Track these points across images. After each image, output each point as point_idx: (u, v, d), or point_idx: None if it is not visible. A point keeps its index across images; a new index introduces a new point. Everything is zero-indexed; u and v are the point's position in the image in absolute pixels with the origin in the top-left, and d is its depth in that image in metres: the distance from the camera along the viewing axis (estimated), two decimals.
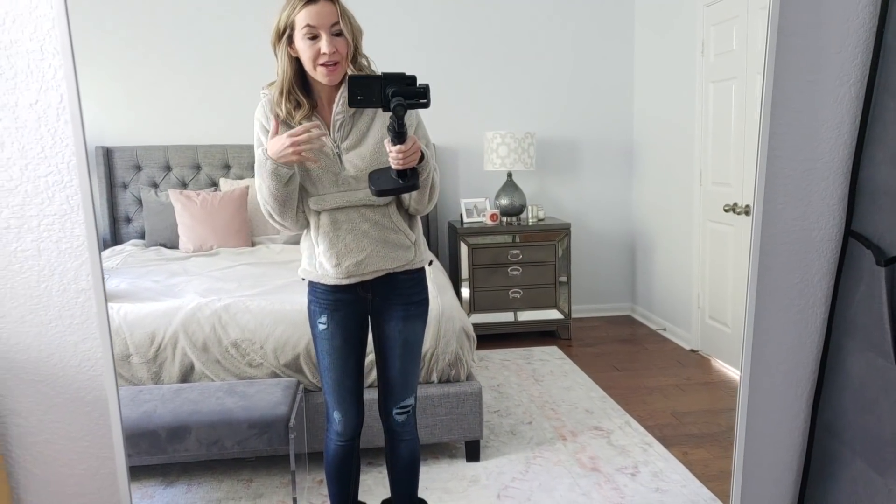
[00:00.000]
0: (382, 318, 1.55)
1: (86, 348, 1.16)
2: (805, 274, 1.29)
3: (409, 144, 1.30)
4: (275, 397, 1.91)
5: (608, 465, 2.15)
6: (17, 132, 1.10)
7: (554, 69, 3.69)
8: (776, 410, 1.37)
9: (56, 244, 1.12)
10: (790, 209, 1.26)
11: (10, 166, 1.12)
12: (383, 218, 1.48)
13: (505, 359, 3.22)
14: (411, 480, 1.67)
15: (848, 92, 1.24)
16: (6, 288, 1.14)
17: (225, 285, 2.48)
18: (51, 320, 1.15)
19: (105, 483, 1.22)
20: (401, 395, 1.58)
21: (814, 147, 1.26)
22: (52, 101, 1.08)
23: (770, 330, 1.32)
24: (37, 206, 1.11)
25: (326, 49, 1.33)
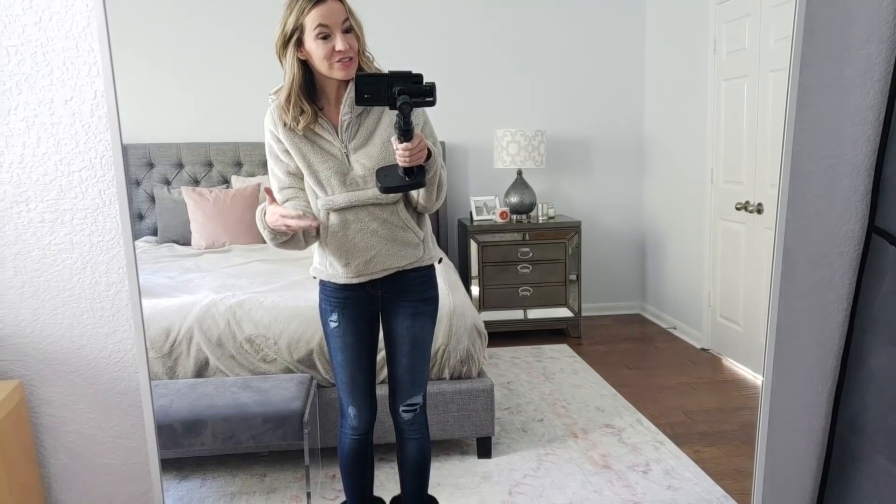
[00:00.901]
0: (392, 315, 1.57)
1: (116, 340, 1.18)
2: (828, 271, 1.29)
3: (415, 142, 1.31)
4: (289, 392, 1.93)
5: (620, 463, 2.16)
6: (52, 128, 1.13)
7: (565, 67, 3.69)
8: (798, 407, 1.38)
9: (88, 237, 1.14)
10: (813, 206, 1.26)
11: (46, 161, 1.14)
12: (392, 216, 1.49)
13: (515, 356, 3.23)
14: (420, 478, 1.68)
15: (873, 88, 1.25)
16: (40, 280, 1.16)
17: (238, 282, 2.50)
18: (82, 312, 1.17)
19: (134, 473, 1.24)
20: (408, 393, 1.59)
21: (838, 143, 1.27)
22: (86, 98, 1.09)
23: (792, 327, 1.32)
24: (70, 201, 1.13)
25: (341, 46, 1.35)
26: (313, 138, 1.44)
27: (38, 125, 1.12)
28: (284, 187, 1.49)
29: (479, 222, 3.50)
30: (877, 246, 1.25)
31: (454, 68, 3.58)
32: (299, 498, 2.00)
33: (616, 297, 3.92)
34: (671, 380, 2.88)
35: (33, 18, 1.11)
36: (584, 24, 3.67)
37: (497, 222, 3.48)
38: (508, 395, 2.74)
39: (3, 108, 1.11)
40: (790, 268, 1.29)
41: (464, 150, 3.68)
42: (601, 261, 3.84)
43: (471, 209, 3.57)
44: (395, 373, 1.59)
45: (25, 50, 1.08)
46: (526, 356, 3.23)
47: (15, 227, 1.15)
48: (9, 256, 1.15)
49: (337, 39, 1.36)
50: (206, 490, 2.06)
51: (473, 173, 3.69)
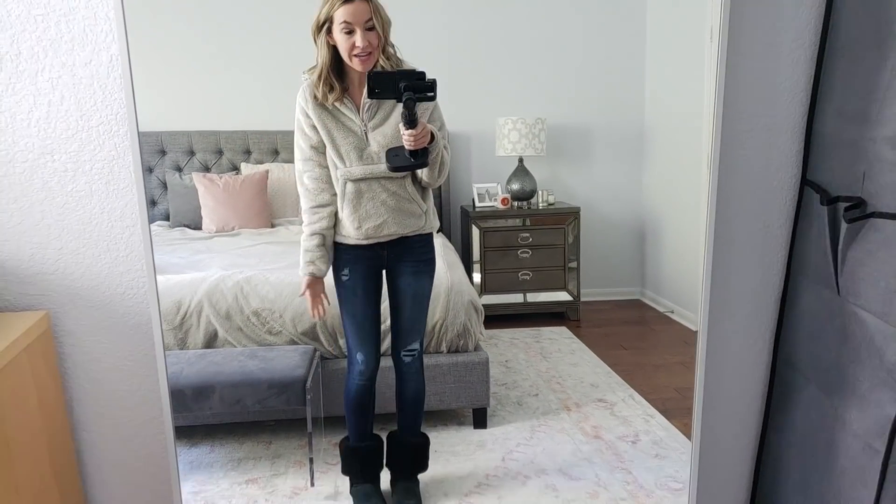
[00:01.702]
0: (395, 272, 1.79)
1: (130, 278, 1.32)
2: (766, 221, 1.42)
3: (419, 129, 1.51)
4: (293, 361, 2.03)
5: (610, 434, 2.23)
6: (73, 87, 1.26)
7: (566, 56, 3.77)
8: (740, 349, 1.50)
9: (105, 186, 1.27)
10: (751, 162, 1.38)
11: (68, 117, 1.27)
12: (400, 189, 1.70)
13: (514, 337, 3.31)
14: (415, 414, 1.91)
15: (804, 54, 1.37)
16: (63, 224, 1.30)
17: (246, 261, 2.61)
18: (100, 253, 1.30)
19: (146, 398, 1.37)
20: (408, 340, 1.82)
21: (772, 104, 1.39)
22: (103, 61, 1.24)
23: (733, 274, 1.45)
24: (89, 152, 1.26)
25: (360, 43, 1.55)
26: (337, 115, 1.65)
27: (62, 85, 1.25)
28: (306, 158, 1.71)
29: (481, 209, 3.58)
30: (808, 196, 1.38)
31: (457, 59, 3.67)
32: (302, 463, 2.09)
33: (615, 282, 4.00)
34: (665, 359, 2.95)
35: None
36: (586, 14, 3.75)
37: (498, 208, 3.57)
38: (506, 371, 2.82)
39: (32, 69, 1.24)
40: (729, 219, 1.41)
41: (466, 138, 3.77)
42: (600, 246, 3.92)
43: (473, 196, 3.66)
44: (398, 323, 1.82)
45: (50, 18, 1.22)
46: (525, 337, 3.31)
47: (42, 176, 1.28)
48: (36, 202, 1.28)
49: (358, 36, 1.55)
50: (214, 455, 2.16)
51: (476, 161, 3.78)
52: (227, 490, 1.95)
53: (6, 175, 1.26)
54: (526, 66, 3.69)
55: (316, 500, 1.90)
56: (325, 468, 2.06)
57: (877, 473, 1.12)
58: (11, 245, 1.28)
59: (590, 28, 3.70)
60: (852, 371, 1.19)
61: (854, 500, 1.19)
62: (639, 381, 2.67)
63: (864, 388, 1.15)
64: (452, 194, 3.74)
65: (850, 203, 1.16)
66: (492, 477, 2.00)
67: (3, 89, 1.23)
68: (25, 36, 1.23)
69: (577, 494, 1.90)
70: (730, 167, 1.39)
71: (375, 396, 1.89)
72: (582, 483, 1.96)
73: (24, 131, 1.25)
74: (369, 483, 1.89)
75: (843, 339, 1.22)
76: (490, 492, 1.93)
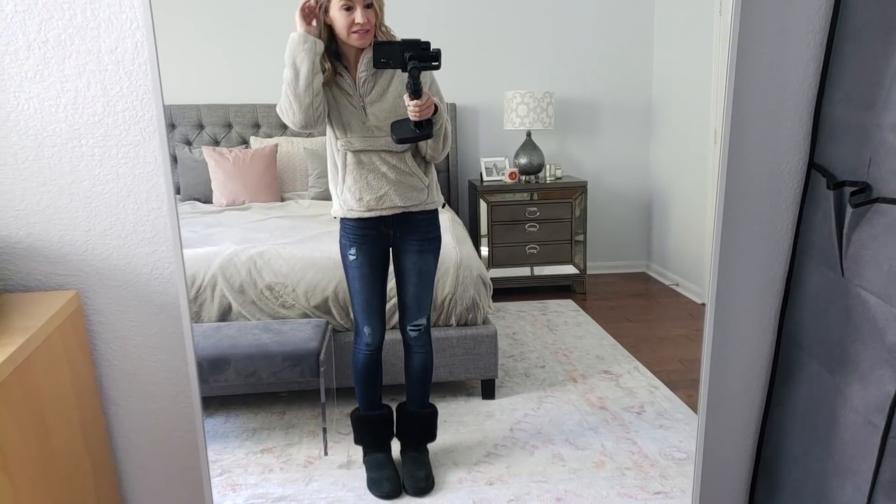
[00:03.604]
0: (401, 250, 1.83)
1: (156, 259, 1.36)
2: (773, 203, 1.45)
3: (424, 99, 1.54)
4: (306, 334, 2.08)
5: (615, 405, 2.29)
6: (100, 74, 1.28)
7: (574, 30, 3.75)
8: (746, 326, 1.55)
9: (131, 169, 1.30)
10: (760, 145, 1.41)
11: (95, 103, 1.30)
12: (400, 163, 1.73)
13: (521, 310, 3.36)
14: (423, 385, 1.97)
15: (813, 38, 1.38)
16: (91, 206, 1.33)
17: (258, 235, 2.65)
18: (127, 234, 1.34)
19: (172, 374, 1.42)
20: (414, 315, 1.88)
21: (781, 88, 1.41)
22: (128, 48, 1.26)
23: (740, 254, 1.49)
24: (116, 137, 1.29)
25: (361, 20, 1.59)
26: (337, 89, 1.70)
27: (88, 71, 1.27)
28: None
29: (489, 183, 3.60)
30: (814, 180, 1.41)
31: (465, 32, 3.65)
32: (315, 433, 2.15)
33: (621, 255, 4.03)
34: (670, 332, 3.00)
35: None
36: None
37: (506, 183, 3.58)
38: (513, 344, 2.88)
39: (60, 55, 1.26)
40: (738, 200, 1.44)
41: (474, 111, 3.77)
42: (607, 220, 3.94)
43: (481, 170, 3.68)
44: (404, 299, 1.88)
45: (76, 6, 1.24)
46: (532, 310, 3.36)
47: (70, 160, 1.31)
48: (65, 185, 1.32)
49: (357, 13, 1.59)
50: (230, 426, 2.22)
51: (483, 135, 3.79)
52: (243, 459, 2.02)
53: (36, 159, 1.30)
54: (534, 40, 3.66)
55: (329, 468, 1.97)
56: (337, 437, 2.12)
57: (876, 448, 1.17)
58: (41, 227, 1.32)
59: (599, 2, 3.66)
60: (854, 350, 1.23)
61: (854, 472, 1.24)
62: (644, 354, 2.72)
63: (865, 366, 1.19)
64: (460, 168, 3.75)
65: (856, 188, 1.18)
66: (500, 446, 2.07)
67: (32, 76, 1.26)
68: (52, 24, 1.25)
69: (583, 464, 1.97)
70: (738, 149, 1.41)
71: (383, 367, 1.95)
72: (588, 452, 2.02)
73: (52, 117, 1.28)
74: (381, 452, 1.96)
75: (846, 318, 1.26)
76: (499, 461, 1.99)
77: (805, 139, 1.43)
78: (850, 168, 1.25)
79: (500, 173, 3.59)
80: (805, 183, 1.43)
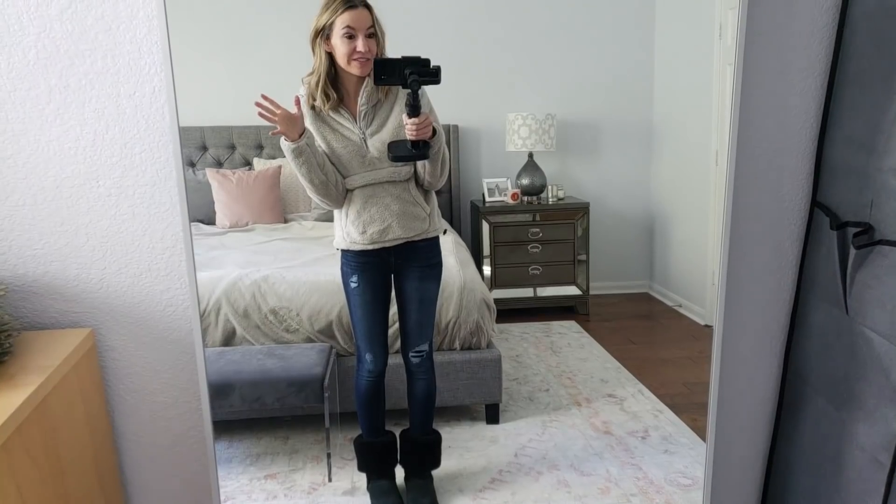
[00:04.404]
0: (403, 277, 1.85)
1: (170, 296, 1.38)
2: (778, 239, 1.48)
3: (422, 118, 1.55)
4: (310, 359, 2.08)
5: (620, 429, 2.29)
6: (118, 117, 1.32)
7: (576, 52, 3.78)
8: (751, 361, 1.57)
9: (147, 209, 1.33)
10: (764, 182, 1.44)
11: (113, 145, 1.33)
12: (403, 192, 1.74)
13: (524, 332, 3.37)
14: (426, 412, 1.98)
15: (814, 82, 1.42)
16: (107, 245, 1.36)
17: (262, 258, 2.66)
18: (142, 272, 1.36)
19: (185, 409, 1.44)
20: (416, 341, 1.90)
21: (784, 128, 1.45)
22: (146, 92, 1.29)
23: (745, 289, 1.52)
24: (133, 178, 1.33)
25: (362, 48, 1.61)
26: (334, 125, 1.70)
27: (107, 115, 1.30)
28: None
29: (491, 203, 3.62)
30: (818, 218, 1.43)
31: (467, 54, 3.68)
32: (319, 458, 2.15)
33: (624, 276, 4.04)
34: (673, 354, 3.01)
35: (104, 27, 1.31)
36: (594, 9, 3.75)
37: (508, 203, 3.60)
38: (517, 366, 2.88)
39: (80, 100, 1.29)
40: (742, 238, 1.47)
41: (476, 133, 3.80)
42: (609, 241, 3.95)
43: (483, 191, 3.69)
44: (406, 325, 1.90)
45: (97, 53, 1.27)
46: (535, 332, 3.37)
47: (87, 200, 1.34)
48: (82, 225, 1.35)
49: (359, 41, 1.61)
50: (233, 450, 2.22)
51: (486, 156, 3.80)
52: (247, 485, 2.01)
53: (54, 199, 1.32)
54: (536, 62, 3.69)
55: (334, 495, 1.96)
56: (341, 463, 2.12)
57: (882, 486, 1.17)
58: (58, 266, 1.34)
59: (599, 23, 3.70)
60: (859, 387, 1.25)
61: None
62: (648, 376, 2.73)
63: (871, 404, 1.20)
64: (462, 189, 3.76)
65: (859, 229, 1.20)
66: (505, 472, 2.07)
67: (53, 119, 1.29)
68: (73, 70, 1.28)
69: (588, 490, 1.97)
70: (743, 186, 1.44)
71: (386, 393, 1.96)
72: (593, 479, 2.02)
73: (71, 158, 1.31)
74: (385, 479, 1.95)
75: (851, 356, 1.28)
76: (504, 487, 1.99)
77: (808, 178, 1.45)
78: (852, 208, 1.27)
79: (502, 194, 3.61)
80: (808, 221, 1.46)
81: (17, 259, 1.31)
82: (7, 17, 1.23)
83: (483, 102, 3.67)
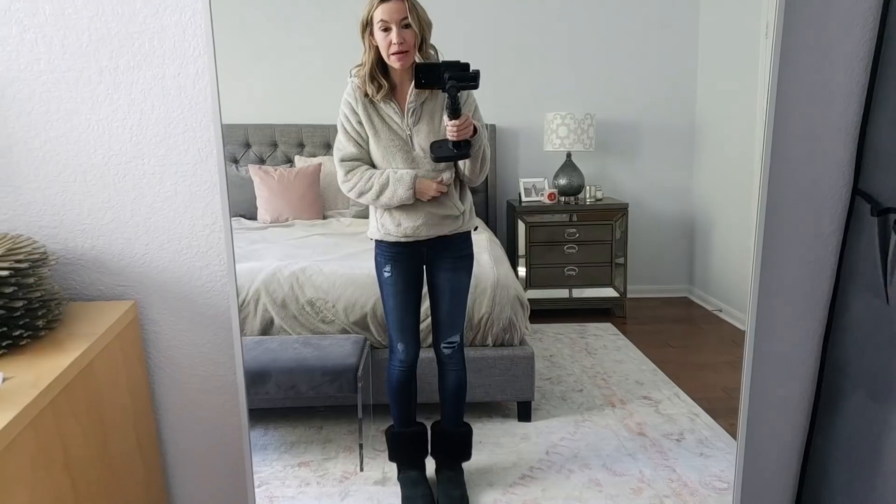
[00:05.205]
0: (435, 268, 1.89)
1: (209, 272, 1.42)
2: (817, 227, 1.43)
3: (462, 119, 1.58)
4: (345, 350, 2.11)
5: (655, 431, 2.25)
6: (163, 98, 1.37)
7: (616, 51, 3.75)
8: (788, 353, 1.52)
9: (188, 188, 1.38)
10: (803, 169, 1.40)
11: (158, 124, 1.38)
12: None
13: (559, 332, 3.34)
14: (457, 403, 2.00)
15: (857, 65, 1.38)
16: (150, 221, 1.41)
17: (301, 251, 2.71)
18: (182, 249, 1.41)
19: (221, 384, 1.48)
20: (447, 333, 1.92)
21: (825, 112, 1.41)
22: (189, 73, 1.34)
23: (783, 278, 1.47)
24: (176, 156, 1.38)
25: (395, 40, 1.62)
26: (384, 116, 1.73)
27: (153, 95, 1.36)
28: (348, 159, 1.78)
29: (528, 203, 3.60)
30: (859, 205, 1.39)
31: (506, 53, 3.68)
32: (352, 449, 2.17)
33: (663, 279, 3.97)
34: (712, 359, 2.94)
35: (152, 10, 1.36)
36: (637, 8, 3.71)
37: (545, 203, 3.58)
38: (550, 366, 2.86)
39: (128, 80, 1.35)
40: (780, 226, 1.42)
41: (514, 133, 3.79)
42: (648, 243, 3.89)
43: (519, 190, 3.68)
44: (438, 316, 1.92)
45: (145, 35, 1.33)
46: (570, 333, 3.34)
47: (133, 178, 1.40)
48: (128, 201, 1.40)
49: (393, 33, 1.63)
50: (268, 438, 2.26)
51: (523, 156, 3.80)
52: (281, 472, 2.05)
53: (102, 176, 1.38)
54: (576, 62, 3.68)
55: (365, 484, 1.98)
56: (373, 454, 2.13)
57: None
58: (104, 240, 1.40)
59: (642, 22, 3.66)
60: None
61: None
62: (685, 380, 2.67)
63: None
64: (499, 189, 3.76)
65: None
66: (536, 469, 2.05)
67: (103, 99, 1.35)
68: (123, 51, 1.34)
69: (620, 490, 1.94)
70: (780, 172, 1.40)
71: (418, 386, 1.97)
72: (626, 479, 1.99)
73: (118, 137, 1.37)
74: (415, 470, 1.96)
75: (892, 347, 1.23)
76: (534, 484, 1.97)
77: (849, 164, 1.41)
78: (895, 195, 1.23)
79: (538, 194, 3.59)
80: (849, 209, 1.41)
81: (67, 233, 1.37)
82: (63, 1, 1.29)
83: (521, 102, 3.67)
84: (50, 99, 1.35)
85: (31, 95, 1.34)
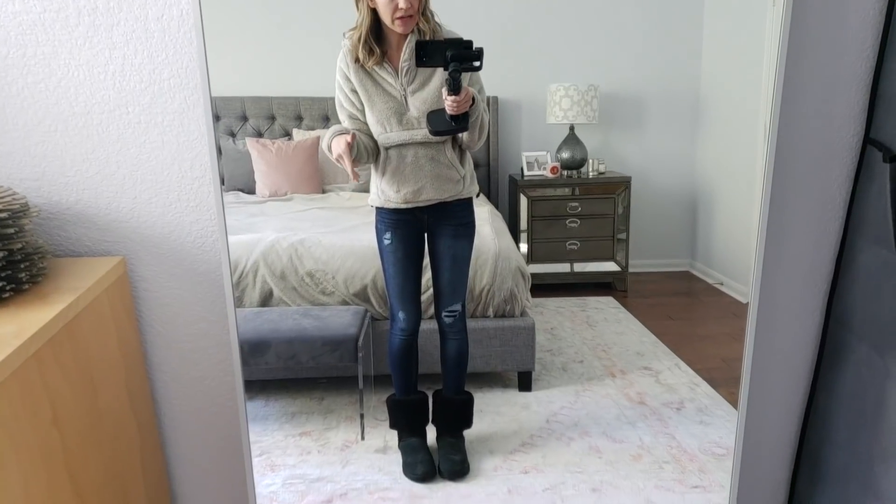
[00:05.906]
0: (436, 235, 1.85)
1: (199, 227, 1.39)
2: (825, 179, 1.40)
3: (462, 95, 1.54)
4: (345, 320, 2.10)
5: (655, 400, 2.25)
6: (146, 41, 1.31)
7: (620, 22, 3.69)
8: (793, 308, 1.49)
9: (176, 137, 1.33)
10: (813, 118, 1.36)
11: (141, 70, 1.33)
12: (438, 154, 1.74)
13: (560, 306, 3.33)
14: (459, 372, 1.99)
15: (871, 9, 1.33)
16: (137, 174, 1.37)
17: (300, 224, 2.69)
18: (171, 202, 1.37)
19: (214, 342, 1.45)
20: (449, 301, 1.91)
21: (838, 58, 1.36)
22: (174, 15, 1.29)
23: (789, 232, 1.44)
24: (161, 105, 1.33)
25: (404, 5, 1.58)
26: (377, 79, 1.69)
27: (136, 39, 1.30)
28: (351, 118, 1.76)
29: (530, 177, 3.57)
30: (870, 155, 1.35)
31: (508, 23, 3.63)
32: (353, 418, 2.17)
33: (665, 253, 3.94)
34: (713, 330, 2.93)
35: None
36: None
37: (547, 177, 3.54)
38: (551, 338, 2.85)
39: (108, 23, 1.30)
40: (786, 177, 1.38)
41: (517, 105, 3.75)
42: (651, 217, 3.86)
43: (522, 164, 3.65)
44: (439, 285, 1.90)
45: None
46: (571, 306, 3.33)
47: (117, 128, 1.35)
48: (112, 153, 1.35)
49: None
50: (269, 409, 2.26)
51: (526, 129, 3.75)
52: (282, 441, 2.05)
53: (84, 126, 1.33)
54: (579, 33, 3.62)
55: (366, 452, 1.98)
56: (374, 423, 2.14)
57: None
58: (90, 194, 1.36)
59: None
60: None
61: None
62: (685, 351, 2.66)
63: None
64: (501, 162, 3.73)
65: None
66: (536, 437, 2.05)
67: (82, 42, 1.29)
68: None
69: (620, 456, 1.93)
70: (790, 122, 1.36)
71: (420, 356, 1.96)
72: (625, 445, 1.98)
73: (100, 84, 1.31)
74: (416, 437, 1.96)
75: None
76: (534, 451, 1.97)
77: (861, 113, 1.37)
78: None
79: (541, 168, 3.55)
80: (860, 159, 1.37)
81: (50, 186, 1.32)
82: None
83: (524, 73, 3.61)
84: (27, 43, 1.28)
85: (7, 38, 1.28)
